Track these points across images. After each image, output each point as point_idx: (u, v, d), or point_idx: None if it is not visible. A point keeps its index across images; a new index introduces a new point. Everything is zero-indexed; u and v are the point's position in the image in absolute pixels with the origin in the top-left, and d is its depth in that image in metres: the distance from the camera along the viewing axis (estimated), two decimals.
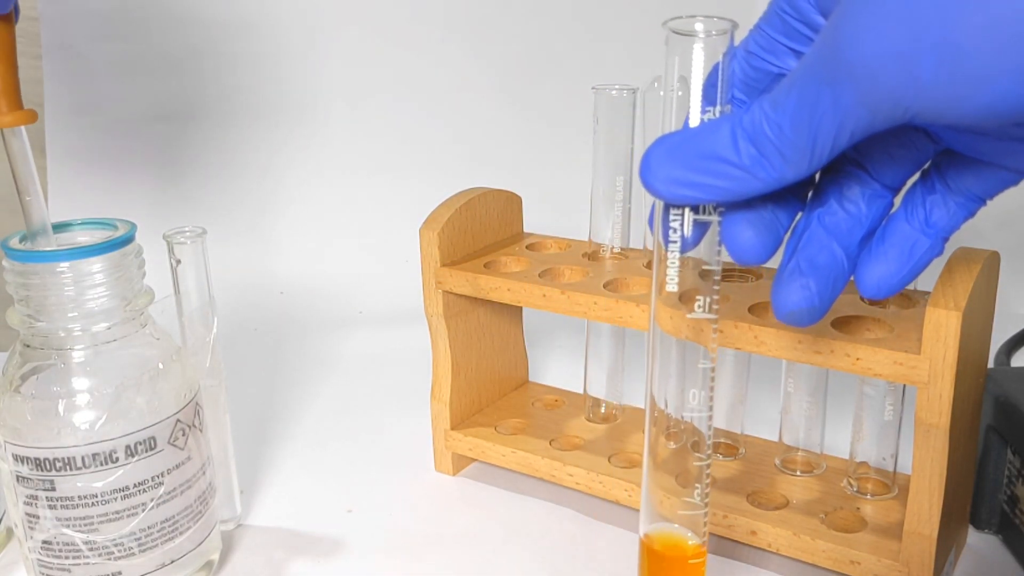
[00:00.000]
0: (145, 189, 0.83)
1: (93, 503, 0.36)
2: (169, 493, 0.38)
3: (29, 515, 0.37)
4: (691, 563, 0.31)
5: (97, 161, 0.82)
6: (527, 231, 0.53)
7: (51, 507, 0.36)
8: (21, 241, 0.38)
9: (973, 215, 0.29)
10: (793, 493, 0.43)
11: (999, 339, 0.59)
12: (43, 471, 0.36)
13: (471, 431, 0.50)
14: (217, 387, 0.43)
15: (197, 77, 0.82)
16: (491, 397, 0.53)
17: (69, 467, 0.36)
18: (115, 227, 0.38)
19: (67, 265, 0.36)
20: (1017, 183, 0.28)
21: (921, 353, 0.35)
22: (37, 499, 0.36)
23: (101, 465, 0.36)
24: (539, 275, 0.46)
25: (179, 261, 0.40)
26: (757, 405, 0.52)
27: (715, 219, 0.28)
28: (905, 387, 0.42)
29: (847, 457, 0.44)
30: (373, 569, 0.43)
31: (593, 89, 0.46)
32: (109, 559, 0.37)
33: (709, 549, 0.43)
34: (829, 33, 0.24)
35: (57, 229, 0.39)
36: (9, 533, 0.45)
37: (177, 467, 0.38)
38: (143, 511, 0.37)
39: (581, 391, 0.52)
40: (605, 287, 0.44)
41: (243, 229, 0.83)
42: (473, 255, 0.49)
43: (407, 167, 0.85)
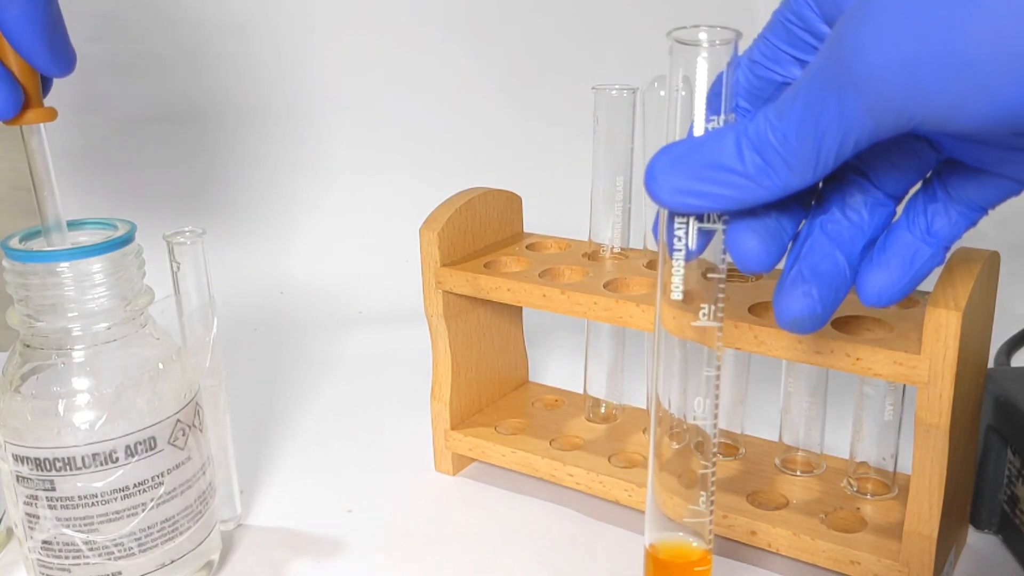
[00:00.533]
0: (145, 189, 0.83)
1: (93, 503, 0.36)
2: (169, 493, 0.38)
3: (29, 515, 0.37)
4: (697, 570, 0.31)
5: (97, 161, 0.82)
6: (527, 231, 0.53)
7: (51, 507, 0.36)
8: (22, 241, 0.38)
9: (975, 224, 0.29)
10: (793, 493, 0.43)
11: (999, 339, 0.59)
12: (43, 471, 0.36)
13: (471, 431, 0.50)
14: (217, 387, 0.43)
15: (197, 77, 0.82)
16: (491, 397, 0.53)
17: (69, 467, 0.36)
18: (115, 227, 0.38)
19: (67, 265, 0.36)
20: (1018, 193, 0.28)
21: (921, 353, 0.35)
22: (37, 499, 0.36)
23: (101, 465, 0.36)
24: (539, 275, 0.46)
25: (179, 266, 0.40)
26: (757, 405, 0.52)
27: (720, 227, 0.28)
28: (905, 387, 0.42)
29: (847, 457, 0.44)
30: (373, 569, 0.43)
31: (593, 89, 0.46)
32: (109, 559, 0.37)
33: (715, 551, 0.43)
34: (834, 42, 0.24)
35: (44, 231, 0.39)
36: (9, 533, 0.45)
37: (177, 467, 0.38)
38: (143, 511, 0.37)
39: (581, 391, 0.52)
40: (605, 287, 0.44)
41: (243, 229, 0.83)
42: (473, 255, 0.49)
43: (407, 167, 0.85)
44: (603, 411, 0.51)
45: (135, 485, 0.37)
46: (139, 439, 0.37)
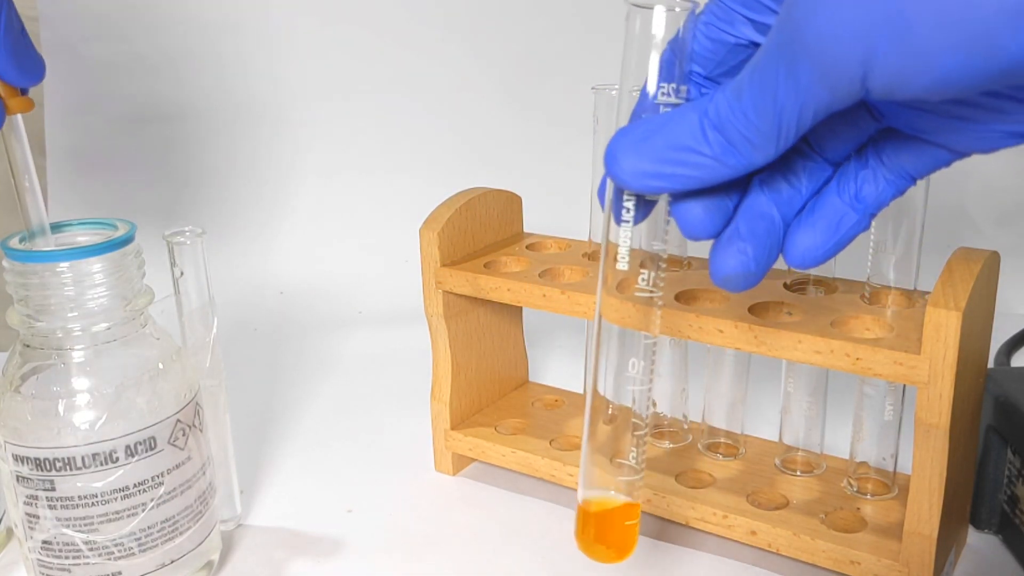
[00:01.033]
0: (145, 189, 0.83)
1: (93, 503, 0.36)
2: (169, 493, 0.38)
3: (29, 515, 0.37)
4: (627, 524, 0.31)
5: (97, 161, 0.82)
6: (527, 231, 0.53)
7: (51, 507, 0.36)
8: (21, 241, 0.38)
9: (902, 193, 0.30)
10: (793, 493, 0.43)
11: (999, 339, 0.59)
12: (43, 471, 0.36)
13: (471, 431, 0.50)
14: (217, 387, 0.43)
15: (197, 77, 0.82)
16: (491, 397, 0.53)
17: (69, 467, 0.36)
18: (115, 227, 0.38)
19: (67, 265, 0.36)
20: (950, 163, 0.29)
21: (921, 353, 0.35)
22: (37, 499, 0.36)
23: (101, 465, 0.36)
24: (539, 275, 0.46)
25: (182, 273, 0.41)
26: (757, 405, 0.52)
27: (665, 197, 0.29)
28: (905, 387, 0.42)
29: (847, 457, 0.44)
30: (373, 569, 0.43)
31: (593, 89, 0.46)
32: (109, 559, 0.37)
33: (715, 551, 0.43)
34: (784, 15, 0.24)
35: (57, 229, 0.39)
36: (9, 533, 0.45)
37: (177, 467, 0.38)
38: (143, 511, 0.37)
39: (581, 391, 0.52)
40: None
41: (243, 229, 0.83)
42: (473, 255, 0.49)
43: (407, 167, 0.85)
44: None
45: (135, 485, 0.37)
46: (139, 439, 0.37)
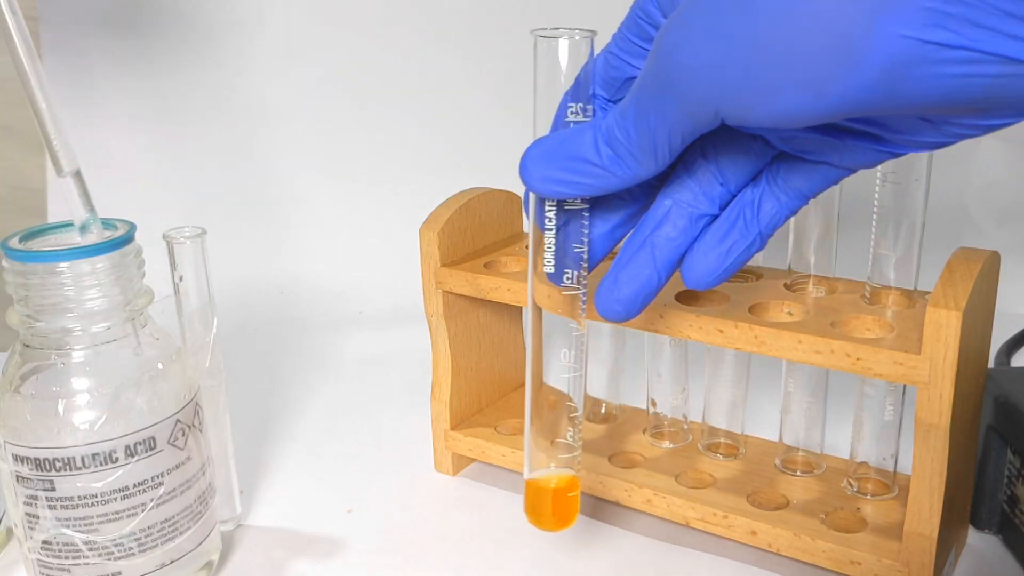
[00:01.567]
0: (145, 189, 0.83)
1: (93, 503, 0.36)
2: (169, 493, 0.38)
3: (29, 515, 0.37)
4: (569, 496, 0.35)
5: (97, 161, 0.82)
6: (527, 231, 0.53)
7: (51, 507, 0.36)
8: (22, 241, 0.38)
9: (795, 213, 0.32)
10: (793, 493, 0.43)
11: (999, 339, 0.59)
12: (43, 471, 0.36)
13: (471, 431, 0.50)
14: (217, 387, 0.43)
15: (197, 77, 0.82)
16: (491, 397, 0.53)
17: (69, 467, 0.36)
18: (115, 227, 0.38)
19: (66, 265, 0.36)
20: (839, 180, 0.31)
21: (921, 353, 0.35)
22: (37, 499, 0.36)
23: (101, 465, 0.36)
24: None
25: (182, 278, 0.41)
26: (757, 405, 0.52)
27: (583, 207, 0.32)
28: (905, 387, 0.42)
29: (847, 457, 0.44)
30: (373, 569, 0.43)
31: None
32: (109, 559, 0.37)
33: (715, 551, 0.43)
34: (654, 49, 0.27)
35: (57, 229, 0.39)
36: (9, 533, 0.45)
37: (177, 467, 0.38)
38: (143, 511, 0.37)
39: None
40: None
41: (243, 229, 0.83)
42: (473, 255, 0.49)
43: (407, 167, 0.85)
44: (603, 411, 0.51)
45: (135, 485, 0.37)
46: (139, 439, 0.37)
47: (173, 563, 0.39)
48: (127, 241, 0.37)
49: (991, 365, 0.56)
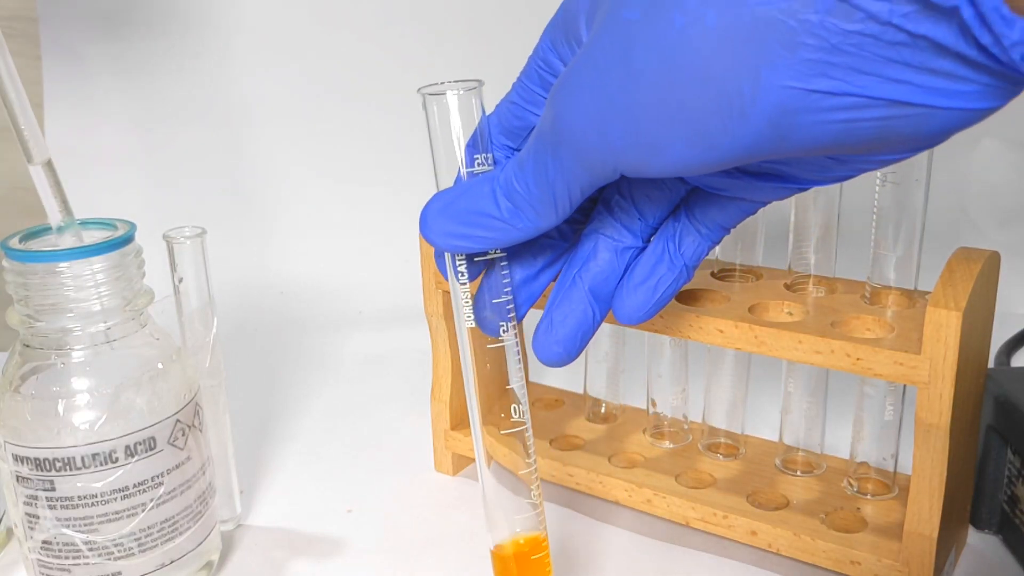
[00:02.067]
0: (145, 189, 0.83)
1: (93, 503, 0.36)
2: (169, 493, 0.38)
3: (29, 515, 0.37)
4: (533, 559, 0.33)
5: (97, 161, 0.82)
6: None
7: (51, 507, 0.36)
8: (22, 241, 0.38)
9: (717, 244, 0.33)
10: (793, 493, 0.43)
11: (999, 339, 0.59)
12: (43, 471, 0.36)
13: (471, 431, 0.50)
14: (217, 387, 0.43)
15: (197, 77, 0.82)
16: (491, 397, 0.53)
17: (69, 467, 0.36)
18: (115, 227, 0.38)
19: (67, 265, 0.36)
20: (755, 212, 0.32)
21: (921, 353, 0.35)
22: (37, 499, 0.36)
23: (101, 465, 0.36)
24: None
25: (181, 280, 0.40)
26: (757, 405, 0.52)
27: (498, 255, 0.31)
28: (905, 387, 0.42)
29: (847, 457, 0.44)
30: (373, 569, 0.43)
31: None
32: (109, 559, 0.37)
33: (715, 551, 0.43)
34: (549, 102, 0.28)
35: (56, 229, 0.39)
36: (9, 533, 0.45)
37: (177, 467, 0.38)
38: (143, 511, 0.37)
39: (581, 391, 0.52)
40: None
41: (243, 229, 0.83)
42: None
43: (407, 167, 0.85)
44: (603, 411, 0.51)
45: (135, 485, 0.37)
46: (139, 439, 0.37)
47: (173, 563, 0.39)
48: (127, 241, 0.37)
49: (991, 365, 0.56)
